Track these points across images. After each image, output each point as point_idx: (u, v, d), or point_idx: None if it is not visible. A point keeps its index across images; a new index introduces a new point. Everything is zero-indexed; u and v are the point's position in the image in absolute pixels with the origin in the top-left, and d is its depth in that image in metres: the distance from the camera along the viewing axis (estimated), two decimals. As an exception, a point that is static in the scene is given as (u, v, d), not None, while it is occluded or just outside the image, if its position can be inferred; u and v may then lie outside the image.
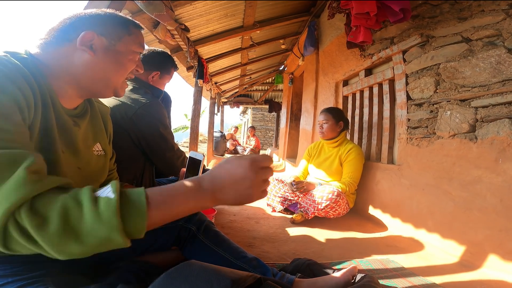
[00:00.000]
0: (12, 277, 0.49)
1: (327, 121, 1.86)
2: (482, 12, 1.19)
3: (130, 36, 0.65)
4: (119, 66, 0.64)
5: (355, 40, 1.60)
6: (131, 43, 0.65)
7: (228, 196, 0.47)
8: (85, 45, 0.58)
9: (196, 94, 3.80)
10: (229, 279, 0.44)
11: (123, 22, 0.64)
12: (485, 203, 1.12)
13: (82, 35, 0.57)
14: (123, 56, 0.64)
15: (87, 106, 0.70)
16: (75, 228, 0.38)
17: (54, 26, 0.59)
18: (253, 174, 0.46)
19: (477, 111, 1.21)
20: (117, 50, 0.62)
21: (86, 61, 0.59)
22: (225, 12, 2.69)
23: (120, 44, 0.63)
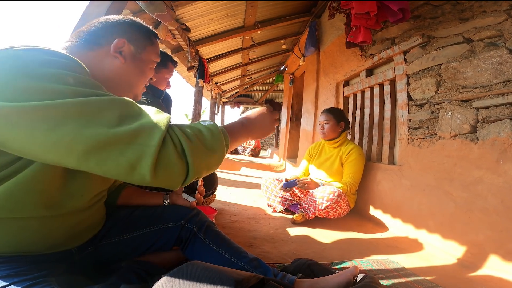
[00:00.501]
0: (17, 277, 0.49)
1: (328, 122, 1.86)
2: (483, 12, 1.19)
3: (151, 46, 0.68)
4: (141, 73, 0.68)
5: (355, 40, 1.60)
6: (152, 53, 0.69)
7: (258, 130, 0.71)
8: (117, 51, 0.61)
9: (197, 94, 3.80)
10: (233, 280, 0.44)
11: (146, 31, 0.68)
12: (486, 203, 1.12)
13: (116, 42, 0.60)
14: (145, 65, 0.68)
15: None
16: (203, 142, 0.52)
17: (83, 29, 0.62)
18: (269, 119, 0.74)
19: (478, 112, 1.21)
20: (142, 59, 0.66)
21: (116, 67, 0.62)
22: (226, 12, 2.70)
23: (144, 53, 0.66)
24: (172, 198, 0.87)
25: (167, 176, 0.46)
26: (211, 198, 1.70)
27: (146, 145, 0.44)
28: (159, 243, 0.80)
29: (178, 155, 0.47)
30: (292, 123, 4.95)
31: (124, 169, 0.43)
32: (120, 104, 0.46)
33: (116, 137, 0.42)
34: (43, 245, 0.56)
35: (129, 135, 0.43)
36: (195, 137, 0.51)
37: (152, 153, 0.44)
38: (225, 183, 2.91)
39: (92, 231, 0.71)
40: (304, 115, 3.69)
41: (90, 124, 0.41)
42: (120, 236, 0.77)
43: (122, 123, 0.44)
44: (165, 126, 0.47)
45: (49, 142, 0.40)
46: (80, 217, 0.62)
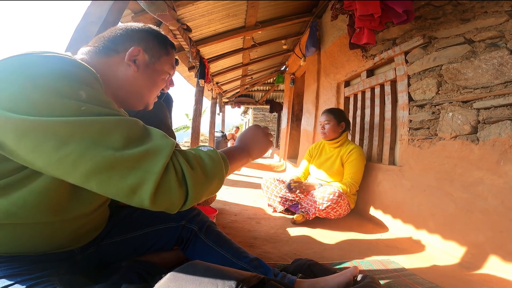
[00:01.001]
0: (20, 276, 0.49)
1: (328, 122, 1.86)
2: (485, 13, 1.19)
3: (167, 57, 0.67)
4: (153, 84, 0.66)
5: (358, 41, 1.60)
6: (166, 64, 0.68)
7: (256, 150, 0.72)
8: (131, 59, 0.61)
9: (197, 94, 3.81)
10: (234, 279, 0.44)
11: (164, 41, 0.67)
12: (486, 204, 1.12)
13: (131, 50, 0.60)
14: (158, 75, 0.67)
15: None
16: (203, 169, 0.52)
17: (104, 35, 0.62)
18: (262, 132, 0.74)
19: (479, 113, 1.21)
20: (155, 69, 0.65)
21: (129, 75, 0.61)
22: (227, 12, 2.70)
23: (158, 63, 0.65)
24: None
25: (166, 202, 0.47)
26: (212, 198, 1.70)
27: (149, 171, 0.44)
28: (160, 243, 0.80)
29: (178, 183, 0.47)
30: (293, 123, 4.95)
31: (124, 193, 0.44)
32: (127, 125, 0.46)
33: (120, 161, 0.43)
34: (47, 246, 0.56)
35: (133, 160, 0.44)
36: (197, 164, 0.51)
37: (154, 180, 0.44)
38: (225, 183, 2.90)
39: (96, 232, 0.71)
40: (305, 115, 3.69)
41: (95, 145, 0.42)
42: (121, 236, 0.77)
43: (127, 146, 0.44)
44: (169, 153, 0.47)
45: (54, 159, 0.41)
46: (85, 220, 0.62)
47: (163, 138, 0.49)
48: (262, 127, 0.77)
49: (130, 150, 0.44)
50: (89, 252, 0.69)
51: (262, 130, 0.75)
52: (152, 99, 0.70)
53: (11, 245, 0.52)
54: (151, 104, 0.70)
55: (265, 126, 0.77)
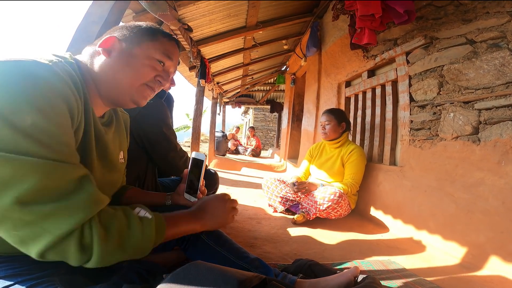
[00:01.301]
0: (21, 276, 0.49)
1: (329, 122, 1.86)
2: (487, 14, 1.19)
3: (152, 42, 0.61)
4: (129, 68, 0.59)
5: (359, 42, 1.60)
6: (151, 49, 0.61)
7: (210, 223, 0.68)
8: (102, 47, 0.58)
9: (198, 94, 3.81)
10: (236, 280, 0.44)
11: (152, 30, 0.63)
12: (487, 205, 1.12)
13: (104, 39, 0.58)
14: (137, 59, 0.60)
15: (112, 114, 0.71)
16: (125, 240, 0.48)
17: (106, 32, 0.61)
18: (224, 207, 0.71)
19: (480, 113, 1.21)
20: (132, 53, 0.60)
21: (101, 64, 0.58)
22: (228, 12, 2.70)
23: (137, 48, 0.60)
24: (174, 198, 0.85)
25: (55, 258, 0.44)
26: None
27: (47, 230, 0.40)
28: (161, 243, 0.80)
29: (80, 248, 0.43)
30: (293, 124, 4.94)
31: (12, 240, 0.41)
32: (49, 174, 0.40)
33: (17, 215, 0.39)
34: None
35: (34, 217, 0.40)
36: (117, 235, 0.47)
37: (49, 241, 0.41)
38: (225, 183, 2.91)
39: None
40: (305, 116, 3.69)
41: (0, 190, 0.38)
42: None
43: (34, 201, 0.39)
44: (80, 219, 0.42)
45: None
46: None
47: (87, 201, 0.44)
48: (230, 200, 0.73)
49: (35, 206, 0.39)
50: None
51: (227, 204, 0.71)
52: (135, 88, 0.61)
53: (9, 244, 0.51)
54: (138, 97, 0.62)
55: (233, 200, 0.74)
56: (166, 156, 1.16)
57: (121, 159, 0.73)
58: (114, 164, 0.69)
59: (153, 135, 1.09)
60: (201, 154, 0.79)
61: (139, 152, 1.11)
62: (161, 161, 1.17)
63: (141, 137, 1.08)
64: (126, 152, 0.78)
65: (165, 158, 1.16)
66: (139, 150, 1.11)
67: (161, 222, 0.56)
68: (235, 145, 7.82)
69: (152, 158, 1.16)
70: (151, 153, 1.13)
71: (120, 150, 0.73)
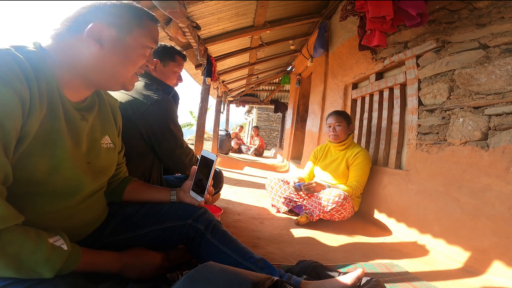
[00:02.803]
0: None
1: (340, 124, 1.85)
2: (501, 19, 1.17)
3: (142, 29, 0.61)
4: (127, 60, 0.61)
5: (369, 44, 1.59)
6: (142, 37, 0.62)
7: (131, 272, 0.68)
8: (92, 37, 0.56)
9: (203, 92, 3.81)
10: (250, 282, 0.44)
11: (137, 13, 0.61)
12: (493, 210, 1.12)
13: (90, 27, 0.55)
14: (132, 50, 0.61)
15: (95, 98, 0.69)
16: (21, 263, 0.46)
17: (69, 16, 0.57)
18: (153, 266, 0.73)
19: (490, 119, 1.20)
20: (126, 43, 0.60)
21: (93, 53, 0.57)
22: (237, 11, 2.70)
23: (130, 37, 0.60)
24: (179, 195, 0.85)
25: None
26: (216, 196, 1.70)
27: None
28: (165, 241, 0.79)
29: None
30: (297, 124, 4.93)
31: None
32: None
33: None
34: None
35: None
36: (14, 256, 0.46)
37: None
38: (229, 182, 2.91)
39: (93, 225, 0.70)
40: (310, 117, 3.68)
41: None
42: (127, 233, 0.76)
43: None
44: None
45: None
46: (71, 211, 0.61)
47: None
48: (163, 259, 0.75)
49: None
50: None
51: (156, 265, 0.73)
52: (128, 77, 0.63)
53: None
54: (129, 83, 0.64)
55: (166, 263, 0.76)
56: (172, 153, 1.16)
57: (106, 143, 0.71)
58: (97, 150, 0.67)
59: (160, 132, 1.10)
60: (212, 154, 0.78)
61: (146, 149, 1.12)
62: (167, 158, 1.17)
63: (148, 133, 1.08)
64: (115, 137, 0.76)
65: (171, 155, 1.16)
66: (146, 147, 1.11)
67: (75, 257, 0.55)
68: (238, 144, 7.82)
69: (158, 155, 1.16)
70: (158, 150, 1.13)
71: (104, 135, 0.71)
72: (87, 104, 0.65)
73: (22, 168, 0.49)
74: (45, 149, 0.52)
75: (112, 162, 0.75)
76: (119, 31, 0.58)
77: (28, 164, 0.50)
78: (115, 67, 0.60)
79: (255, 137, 8.14)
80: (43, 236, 0.50)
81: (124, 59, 0.60)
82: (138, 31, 0.61)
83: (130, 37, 0.60)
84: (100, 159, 0.68)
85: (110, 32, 0.57)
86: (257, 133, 8.30)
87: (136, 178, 0.89)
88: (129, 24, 0.60)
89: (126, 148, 0.85)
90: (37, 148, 0.50)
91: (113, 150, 0.74)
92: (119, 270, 0.66)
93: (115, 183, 0.83)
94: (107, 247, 0.71)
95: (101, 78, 0.60)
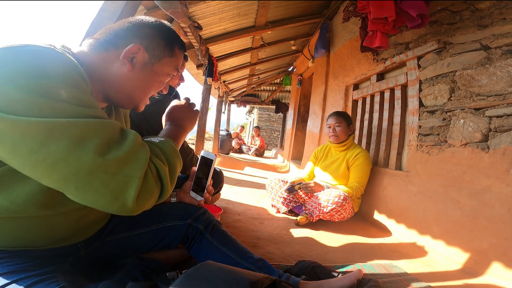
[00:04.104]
0: (24, 272, 0.49)
1: (340, 124, 1.85)
2: (503, 20, 1.17)
3: (170, 58, 0.62)
4: (148, 86, 0.62)
5: (371, 45, 1.59)
6: (169, 66, 0.63)
7: (187, 123, 0.74)
8: (127, 57, 0.56)
9: (205, 92, 3.82)
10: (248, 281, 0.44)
11: (170, 40, 0.62)
12: (493, 212, 1.12)
13: (130, 47, 0.56)
14: (156, 77, 0.62)
15: (111, 106, 0.70)
16: (169, 161, 0.55)
17: (111, 26, 0.59)
18: (185, 107, 0.76)
19: (491, 121, 1.19)
20: (153, 70, 0.60)
21: (122, 73, 0.57)
22: (238, 11, 2.70)
23: (158, 64, 0.61)
24: (179, 195, 0.86)
25: (146, 202, 0.48)
26: (216, 196, 1.71)
27: (132, 176, 0.45)
28: (165, 240, 0.79)
29: (155, 182, 0.50)
30: (298, 125, 4.93)
31: (106, 199, 0.44)
32: (106, 129, 0.45)
33: (100, 166, 0.42)
34: (46, 240, 0.55)
35: (114, 165, 0.43)
36: (164, 159, 0.54)
37: (137, 185, 0.45)
38: (229, 182, 2.92)
39: (98, 225, 0.71)
40: (311, 117, 3.68)
41: (75, 149, 0.40)
42: (127, 232, 0.77)
43: (107, 151, 0.43)
44: (147, 156, 0.48)
45: (31, 161, 0.39)
46: (82, 212, 0.61)
47: (139, 141, 0.49)
48: (185, 102, 0.77)
49: (110, 155, 0.43)
50: (93, 247, 0.69)
51: (187, 108, 0.76)
52: (143, 101, 0.65)
53: (9, 238, 0.51)
54: (141, 106, 0.66)
55: (192, 103, 0.78)
56: None
57: None
58: None
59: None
60: (211, 154, 0.79)
61: None
62: None
63: (150, 132, 1.09)
64: None
65: None
66: None
67: (170, 140, 0.61)
68: (239, 144, 7.82)
69: None
70: None
71: None
72: (105, 109, 0.66)
73: None
74: None
75: None
76: (151, 56, 0.59)
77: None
78: (137, 90, 0.61)
79: (256, 137, 8.13)
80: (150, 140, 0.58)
81: (147, 84, 0.62)
82: (167, 59, 0.62)
83: (158, 64, 0.61)
84: None
85: (144, 55, 0.58)
86: (258, 133, 8.29)
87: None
88: (161, 50, 0.60)
89: None
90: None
91: None
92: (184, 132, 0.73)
93: None
94: (106, 246, 0.72)
95: (120, 97, 0.61)
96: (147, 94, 0.65)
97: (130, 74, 0.58)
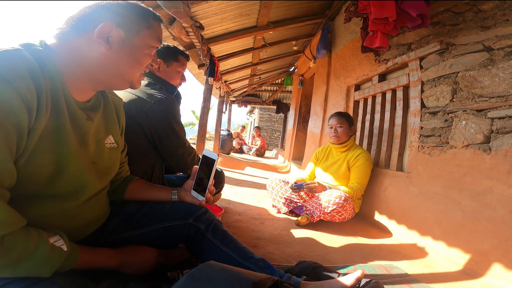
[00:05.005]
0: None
1: (341, 125, 1.85)
2: (506, 21, 1.17)
3: (148, 30, 0.62)
4: (134, 60, 0.62)
5: (371, 45, 1.58)
6: (149, 37, 0.63)
7: (128, 269, 0.69)
8: (101, 37, 0.56)
9: (206, 91, 3.82)
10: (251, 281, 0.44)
11: (143, 14, 0.62)
12: (494, 213, 1.11)
13: (100, 27, 0.55)
14: (139, 51, 0.62)
15: (100, 98, 0.69)
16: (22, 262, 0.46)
17: (73, 15, 0.57)
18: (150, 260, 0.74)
19: (493, 122, 1.19)
20: (134, 44, 0.60)
21: (102, 54, 0.57)
22: (240, 11, 2.70)
23: (137, 38, 0.61)
24: (180, 194, 0.85)
25: None
26: (217, 196, 1.71)
27: None
28: (166, 240, 0.79)
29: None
30: (299, 125, 4.93)
31: None
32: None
33: None
34: None
35: None
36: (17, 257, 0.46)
37: None
38: (230, 182, 2.92)
39: (96, 224, 0.71)
40: (312, 118, 3.67)
41: None
42: (128, 232, 0.77)
43: None
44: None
45: None
46: (75, 211, 0.61)
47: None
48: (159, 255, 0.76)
49: None
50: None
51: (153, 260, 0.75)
52: (136, 77, 0.65)
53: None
54: (136, 82, 0.66)
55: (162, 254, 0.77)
56: (175, 152, 1.16)
57: (110, 143, 0.71)
58: (101, 150, 0.67)
59: (162, 130, 1.10)
60: (213, 153, 0.78)
61: (148, 148, 1.12)
62: (170, 156, 1.17)
63: (151, 131, 1.09)
64: (118, 136, 0.76)
65: (173, 153, 1.16)
66: (149, 146, 1.12)
67: (74, 257, 0.55)
68: (240, 144, 7.83)
69: (161, 153, 1.16)
70: (160, 148, 1.14)
71: (108, 134, 0.71)
72: (92, 103, 0.65)
73: (27, 168, 0.49)
74: (49, 146, 0.52)
75: (115, 161, 0.75)
76: (127, 31, 0.59)
77: (33, 164, 0.50)
78: (123, 67, 0.61)
79: (257, 137, 8.13)
80: (44, 236, 0.50)
81: (132, 59, 0.61)
82: (145, 32, 0.62)
83: (138, 38, 0.61)
84: (104, 159, 0.68)
85: (119, 32, 0.58)
86: (259, 134, 8.30)
87: (138, 177, 0.90)
88: (136, 24, 0.60)
89: (129, 146, 0.86)
90: (41, 146, 0.50)
91: (116, 150, 0.75)
92: (117, 267, 0.67)
93: (117, 182, 0.83)
94: (108, 245, 0.71)
95: (109, 78, 0.61)
96: (137, 69, 0.64)
97: (110, 53, 0.57)
